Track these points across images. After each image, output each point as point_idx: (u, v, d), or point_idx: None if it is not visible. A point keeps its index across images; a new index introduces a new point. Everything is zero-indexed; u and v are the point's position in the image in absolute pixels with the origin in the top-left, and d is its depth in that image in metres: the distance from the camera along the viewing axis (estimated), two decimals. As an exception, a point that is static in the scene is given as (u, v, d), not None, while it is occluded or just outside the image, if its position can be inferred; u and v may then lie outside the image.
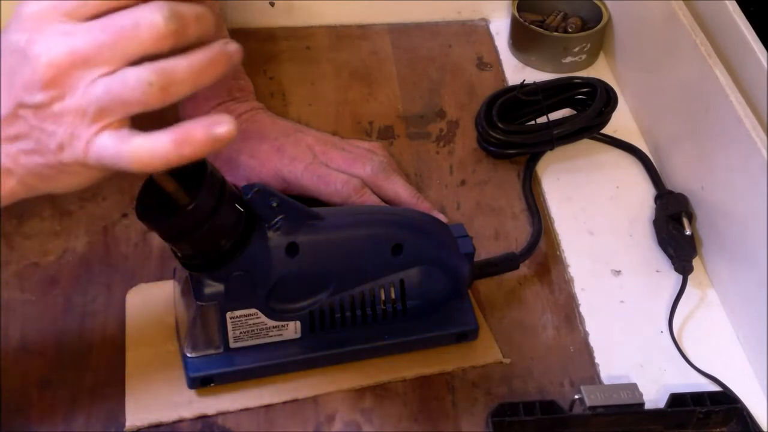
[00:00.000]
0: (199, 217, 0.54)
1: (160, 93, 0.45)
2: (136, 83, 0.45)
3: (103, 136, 0.46)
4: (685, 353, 0.67)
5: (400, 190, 0.75)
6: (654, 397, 0.64)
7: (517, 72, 0.92)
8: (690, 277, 0.71)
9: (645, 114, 0.85)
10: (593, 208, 0.79)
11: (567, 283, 0.72)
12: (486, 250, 0.73)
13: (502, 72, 0.92)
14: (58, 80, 0.45)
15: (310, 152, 0.75)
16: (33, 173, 0.48)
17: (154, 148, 0.46)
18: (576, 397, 0.61)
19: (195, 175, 0.55)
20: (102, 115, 0.46)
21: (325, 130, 0.80)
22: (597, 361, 0.67)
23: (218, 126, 0.47)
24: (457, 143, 0.84)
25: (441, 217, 0.74)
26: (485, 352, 0.67)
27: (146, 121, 0.47)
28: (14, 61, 0.46)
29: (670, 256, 0.73)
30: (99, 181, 0.50)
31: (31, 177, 0.48)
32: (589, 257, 0.74)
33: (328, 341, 0.64)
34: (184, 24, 0.45)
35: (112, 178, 0.75)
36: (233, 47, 0.48)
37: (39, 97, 0.45)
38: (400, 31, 0.96)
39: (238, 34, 0.88)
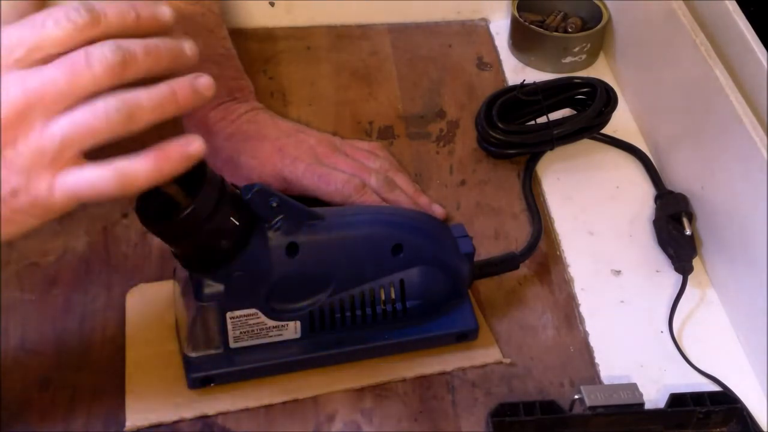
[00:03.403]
0: (198, 219, 0.54)
1: (126, 120, 0.47)
2: (104, 112, 0.46)
3: (71, 173, 0.47)
4: (685, 353, 0.67)
5: (403, 187, 0.75)
6: (654, 397, 0.64)
7: (517, 72, 0.92)
8: (690, 277, 0.71)
9: (645, 114, 0.85)
10: (593, 208, 0.79)
11: (567, 283, 0.72)
12: (486, 250, 0.73)
13: (502, 72, 0.92)
14: (12, 124, 0.46)
15: (311, 153, 0.75)
16: None
17: (138, 169, 0.48)
18: (576, 397, 0.61)
19: (195, 176, 0.55)
20: (65, 150, 0.47)
21: (325, 130, 0.80)
22: (597, 361, 0.67)
23: (190, 145, 0.49)
24: (457, 143, 0.84)
25: (440, 210, 0.75)
26: (485, 352, 0.67)
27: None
28: None
29: (670, 256, 0.73)
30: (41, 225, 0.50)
31: None
32: (589, 257, 0.74)
33: (328, 341, 0.64)
34: (132, 56, 0.47)
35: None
36: (203, 82, 0.50)
37: None
38: (400, 31, 0.96)
39: (238, 34, 0.88)
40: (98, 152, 0.48)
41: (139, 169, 0.48)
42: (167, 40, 0.50)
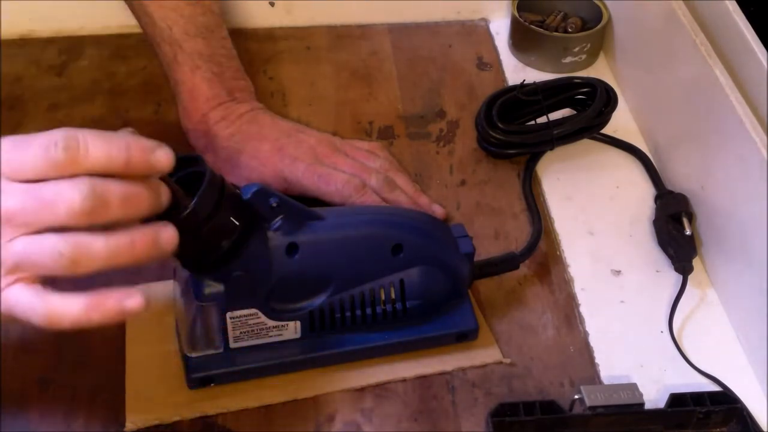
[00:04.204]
0: (198, 218, 0.54)
1: (70, 264, 0.48)
2: (49, 250, 0.47)
3: (15, 288, 0.48)
4: (685, 353, 0.67)
5: (403, 187, 0.75)
6: (654, 397, 0.64)
7: (517, 72, 0.92)
8: (690, 277, 0.71)
9: (645, 114, 0.85)
10: (593, 208, 0.79)
11: (567, 283, 0.72)
12: (486, 250, 0.73)
13: (502, 72, 0.92)
14: None
15: (311, 153, 0.75)
16: None
17: (66, 310, 0.49)
18: (576, 397, 0.61)
19: (194, 176, 0.55)
20: (16, 269, 0.48)
21: (325, 130, 0.80)
22: (597, 361, 0.67)
23: (129, 299, 0.50)
24: (457, 143, 0.84)
25: (440, 210, 0.75)
26: (485, 352, 0.67)
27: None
28: None
29: (670, 256, 0.73)
30: None
31: None
32: (589, 257, 0.74)
33: (328, 341, 0.64)
34: (103, 204, 0.47)
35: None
36: (167, 235, 0.50)
37: None
38: (400, 31, 0.96)
39: (238, 34, 0.88)
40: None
41: (67, 311, 0.49)
42: (150, 189, 0.49)
